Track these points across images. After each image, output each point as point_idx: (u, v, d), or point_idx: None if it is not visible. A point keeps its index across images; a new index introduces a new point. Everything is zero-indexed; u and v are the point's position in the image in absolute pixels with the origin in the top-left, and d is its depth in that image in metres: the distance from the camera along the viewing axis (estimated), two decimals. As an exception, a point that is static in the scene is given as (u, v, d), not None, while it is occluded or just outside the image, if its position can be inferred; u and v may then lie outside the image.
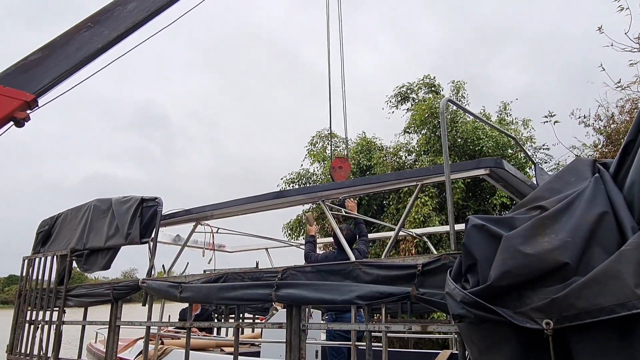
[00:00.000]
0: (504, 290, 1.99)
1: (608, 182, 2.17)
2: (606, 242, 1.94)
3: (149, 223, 4.67)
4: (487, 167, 2.99)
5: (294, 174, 14.52)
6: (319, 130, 14.54)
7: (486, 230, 2.19)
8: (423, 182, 3.26)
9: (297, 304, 3.06)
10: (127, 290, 4.39)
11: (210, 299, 3.57)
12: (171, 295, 3.88)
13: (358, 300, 2.70)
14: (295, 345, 3.05)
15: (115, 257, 4.93)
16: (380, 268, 2.73)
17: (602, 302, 1.72)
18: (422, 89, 13.53)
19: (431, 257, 2.58)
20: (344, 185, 3.73)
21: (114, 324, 4.46)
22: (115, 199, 5.12)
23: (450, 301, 2.17)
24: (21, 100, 3.48)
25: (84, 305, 4.89)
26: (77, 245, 5.19)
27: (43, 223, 5.98)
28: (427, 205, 10.18)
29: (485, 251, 2.14)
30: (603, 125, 9.76)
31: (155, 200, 4.71)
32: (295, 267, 3.17)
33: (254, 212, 4.36)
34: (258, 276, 3.33)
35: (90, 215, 5.24)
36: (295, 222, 13.39)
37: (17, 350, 5.41)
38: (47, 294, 5.23)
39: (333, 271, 2.94)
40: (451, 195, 2.69)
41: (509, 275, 1.95)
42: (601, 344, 1.77)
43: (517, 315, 1.94)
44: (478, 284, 2.12)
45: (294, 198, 3.97)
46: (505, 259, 1.99)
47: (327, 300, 2.86)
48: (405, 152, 13.10)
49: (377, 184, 3.47)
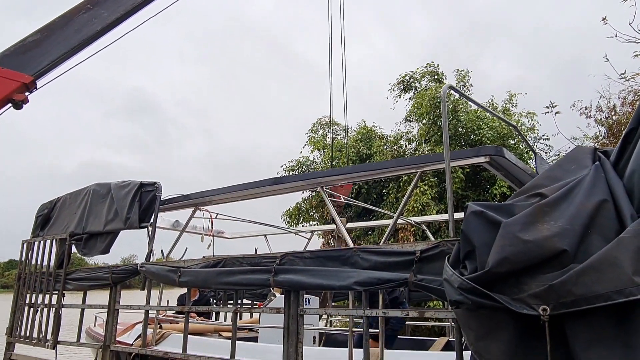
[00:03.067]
0: (502, 277, 1.99)
1: (608, 171, 2.16)
2: (605, 230, 1.94)
3: (148, 208, 4.67)
4: (488, 155, 2.98)
5: (294, 162, 14.51)
6: (320, 118, 14.51)
7: (485, 217, 2.19)
8: (423, 169, 3.25)
9: (295, 289, 3.07)
10: (126, 275, 4.40)
11: (209, 284, 3.58)
12: (170, 280, 3.89)
13: (356, 286, 2.71)
14: (293, 330, 3.07)
15: (114, 241, 4.94)
16: (379, 254, 2.73)
17: (599, 289, 1.73)
18: (426, 77, 13.45)
19: (429, 244, 2.58)
20: (343, 171, 3.72)
21: (112, 307, 4.48)
22: (114, 183, 5.12)
23: (448, 287, 2.17)
24: (19, 82, 3.45)
25: (83, 289, 4.91)
26: (76, 230, 5.19)
27: (42, 207, 5.98)
28: (426, 194, 10.18)
29: (484, 238, 2.14)
30: (605, 116, 9.72)
31: (154, 185, 4.70)
32: (293, 252, 3.18)
33: (253, 197, 4.36)
34: (257, 261, 3.34)
35: (90, 199, 5.24)
36: (294, 210, 13.41)
37: (17, 333, 5.44)
38: (46, 278, 5.25)
39: (331, 257, 2.94)
40: (450, 182, 2.68)
41: (507, 262, 1.95)
42: (597, 331, 1.78)
43: (514, 302, 1.95)
44: (476, 271, 2.12)
45: (292, 184, 3.97)
46: (504, 246, 1.99)
47: (325, 286, 2.87)
48: (405, 141, 13.07)
49: (376, 171, 3.47)
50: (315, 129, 14.35)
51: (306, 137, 14.44)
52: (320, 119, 14.45)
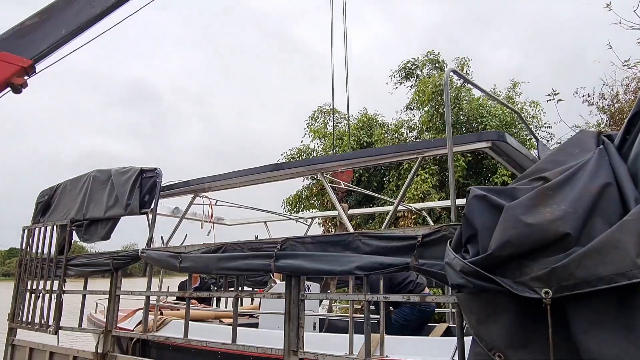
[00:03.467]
0: (504, 260, 1.99)
1: (612, 154, 2.14)
2: (608, 213, 1.92)
3: (149, 194, 4.66)
4: (490, 140, 2.96)
5: (294, 150, 14.48)
6: (320, 106, 14.43)
7: (488, 201, 2.17)
8: (424, 154, 3.23)
9: (296, 274, 3.06)
10: (126, 260, 4.41)
11: (209, 269, 3.58)
12: (171, 265, 3.89)
13: (357, 270, 2.71)
14: (294, 315, 3.08)
15: (115, 227, 4.94)
16: (380, 239, 2.72)
17: (602, 271, 1.72)
18: (427, 65, 13.36)
19: (431, 229, 2.57)
20: (344, 157, 3.71)
21: (114, 293, 4.49)
22: (114, 169, 5.10)
23: (450, 271, 2.17)
24: (18, 65, 3.42)
25: (84, 275, 4.92)
26: (76, 216, 5.19)
27: (42, 193, 5.97)
28: (427, 182, 10.18)
29: (486, 221, 2.13)
30: (607, 104, 9.67)
31: (155, 170, 4.69)
32: (294, 237, 3.17)
33: (253, 184, 4.35)
34: (257, 247, 3.33)
35: (90, 185, 5.23)
36: (294, 198, 13.42)
37: (19, 319, 5.47)
38: (47, 264, 5.26)
39: (332, 242, 2.94)
40: (453, 166, 2.66)
41: (509, 245, 1.94)
42: (598, 314, 1.78)
43: (516, 285, 1.94)
44: (478, 254, 2.12)
45: (292, 170, 3.95)
46: (506, 229, 1.98)
47: (327, 271, 2.86)
48: (407, 129, 13.03)
49: (377, 157, 3.44)
50: (316, 117, 14.30)
51: (306, 126, 14.41)
52: (320, 107, 14.39)
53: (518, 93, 12.43)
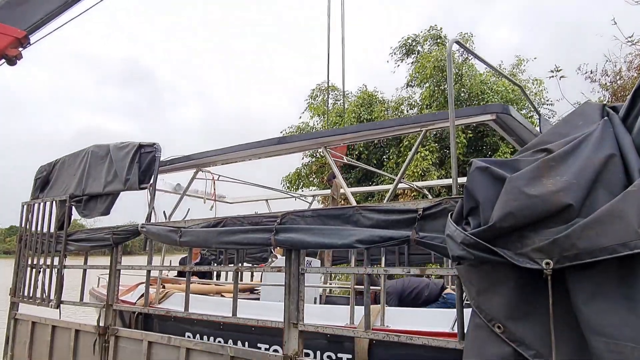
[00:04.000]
0: (505, 232, 1.98)
1: (617, 125, 2.12)
2: (612, 184, 1.91)
3: (148, 169, 4.64)
4: (494, 113, 2.93)
5: (294, 128, 14.39)
6: (319, 83, 14.29)
7: (490, 173, 2.15)
8: (427, 128, 3.20)
9: (296, 248, 3.07)
10: (127, 235, 4.41)
11: (209, 243, 3.59)
12: (171, 240, 3.90)
13: (358, 244, 2.71)
14: (295, 288, 3.09)
15: (114, 203, 4.93)
16: (381, 212, 2.71)
17: (604, 242, 1.71)
18: (428, 40, 13.16)
19: (432, 202, 2.56)
20: (347, 131, 3.67)
21: (114, 267, 4.51)
22: (113, 144, 5.07)
23: (451, 243, 2.16)
24: (12, 37, 3.35)
25: (84, 250, 4.93)
26: (75, 191, 5.18)
27: (41, 169, 5.95)
28: (426, 160, 10.14)
29: (488, 193, 2.11)
30: (609, 81, 9.57)
31: (154, 145, 4.65)
32: (294, 211, 3.16)
33: (256, 158, 4.32)
34: (257, 221, 3.33)
35: (88, 161, 5.20)
36: (294, 175, 13.40)
37: (20, 293, 5.51)
38: (47, 239, 5.27)
39: (333, 216, 2.93)
40: (455, 140, 2.63)
41: (511, 217, 1.93)
42: (599, 284, 1.78)
43: (517, 256, 1.94)
44: (479, 227, 2.11)
45: (295, 144, 3.92)
46: (508, 200, 1.97)
47: (327, 245, 2.86)
48: (407, 106, 12.92)
49: (380, 130, 3.41)
50: (315, 95, 14.17)
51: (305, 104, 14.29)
52: (319, 85, 14.25)
53: (522, 70, 12.30)
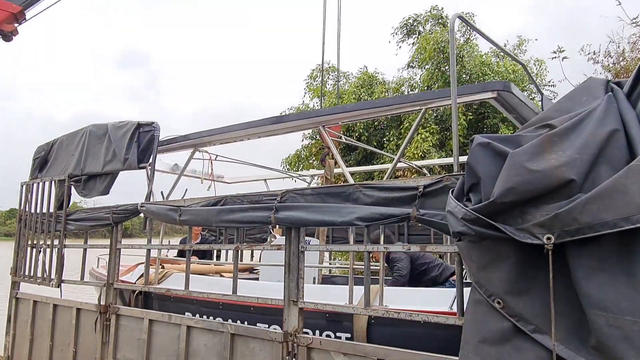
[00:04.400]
0: (507, 207, 1.97)
1: (621, 100, 2.09)
2: (615, 160, 1.89)
3: (146, 148, 4.61)
4: (495, 91, 2.90)
5: (294, 109, 14.29)
6: (319, 64, 14.11)
7: (492, 148, 2.13)
8: (428, 106, 3.16)
9: (296, 225, 3.06)
10: (126, 214, 4.40)
11: (209, 222, 3.58)
12: (170, 219, 3.89)
13: (358, 221, 2.70)
14: (294, 266, 3.09)
15: (113, 182, 4.91)
16: (381, 190, 2.70)
17: (606, 216, 1.70)
18: (430, 21, 12.98)
19: (432, 179, 2.55)
20: (344, 110, 3.64)
21: (114, 247, 4.52)
22: (111, 124, 5.03)
23: (452, 219, 2.15)
24: (8, 12, 3.29)
25: (84, 229, 4.93)
26: (74, 171, 5.16)
27: (39, 149, 5.91)
28: (427, 141, 10.10)
29: (490, 169, 2.10)
30: (612, 62, 9.47)
31: (152, 125, 4.61)
32: (294, 189, 3.15)
33: (254, 137, 4.29)
34: (257, 199, 3.32)
35: (87, 140, 5.17)
36: (293, 157, 13.36)
37: (21, 273, 5.53)
38: (47, 219, 5.27)
39: (333, 193, 2.92)
40: (457, 116, 2.61)
41: (513, 192, 1.92)
42: (599, 259, 1.77)
43: (517, 232, 1.93)
44: (480, 202, 2.10)
45: (293, 123, 3.89)
46: (510, 176, 1.95)
47: (327, 222, 2.86)
48: (408, 87, 12.81)
49: (380, 108, 3.37)
50: (315, 76, 14.04)
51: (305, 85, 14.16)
52: (319, 65, 14.09)
53: (523, 50, 12.17)
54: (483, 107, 10.93)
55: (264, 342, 3.18)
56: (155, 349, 3.94)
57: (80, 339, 4.67)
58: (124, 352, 4.20)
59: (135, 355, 4.08)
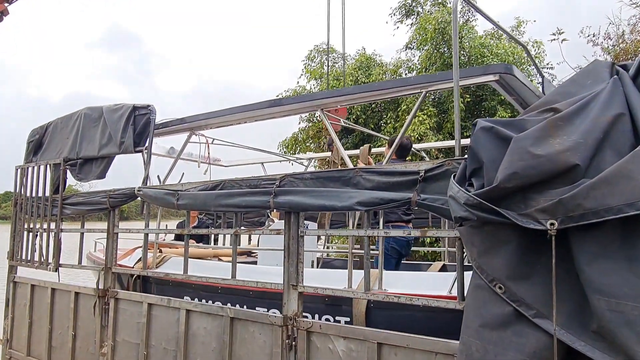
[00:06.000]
0: (510, 192, 1.95)
1: (627, 84, 2.06)
2: (619, 144, 1.87)
3: (143, 132, 4.55)
4: (497, 73, 2.85)
5: (290, 92, 14.16)
6: (317, 45, 13.94)
7: (494, 132, 2.11)
8: (428, 89, 3.12)
9: (295, 210, 3.04)
10: (123, 198, 4.37)
11: (207, 206, 3.55)
12: (168, 203, 3.86)
13: (358, 206, 2.68)
14: (294, 251, 3.08)
15: (109, 166, 4.86)
16: (382, 174, 2.67)
17: (611, 202, 1.69)
18: (429, 1, 12.78)
19: (434, 163, 2.52)
20: (344, 92, 3.59)
21: (112, 231, 4.49)
22: (106, 106, 4.95)
23: (453, 204, 2.13)
24: None
25: (80, 213, 4.90)
26: (69, 155, 5.10)
27: (33, 132, 5.84)
28: (424, 124, 10.05)
29: (493, 154, 2.07)
30: (612, 44, 9.39)
31: (148, 107, 4.54)
32: (293, 174, 3.12)
33: (251, 121, 4.24)
34: (256, 183, 3.29)
35: (82, 123, 5.10)
36: (290, 140, 13.29)
37: (18, 257, 5.51)
38: (42, 203, 5.23)
39: (333, 178, 2.89)
40: (458, 99, 2.57)
41: (516, 177, 1.90)
42: (602, 245, 1.77)
43: (520, 217, 1.92)
44: (483, 188, 2.08)
45: (291, 106, 3.83)
46: (514, 160, 1.93)
47: (327, 207, 2.84)
48: (406, 69, 12.69)
49: (379, 91, 3.33)
50: (312, 57, 13.85)
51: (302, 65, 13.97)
52: (317, 46, 13.92)
53: (521, 32, 12.04)
54: (481, 89, 10.86)
55: (264, 326, 3.19)
56: (154, 333, 3.95)
57: (79, 322, 4.68)
58: (123, 336, 4.22)
59: (134, 339, 4.09)
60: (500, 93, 3.19)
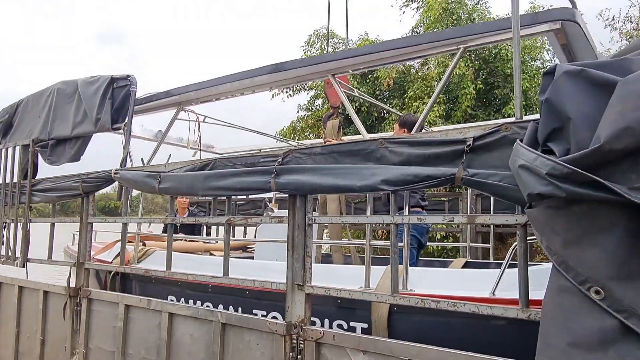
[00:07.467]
0: (616, 157, 1.38)
1: None
2: None
3: (122, 107, 3.94)
4: (558, 20, 2.27)
5: (288, 80, 13.47)
6: (317, 29, 13.28)
7: (586, 77, 1.53)
8: (467, 44, 2.52)
9: (302, 192, 2.45)
10: (98, 183, 3.76)
11: (195, 190, 2.96)
12: (149, 187, 3.26)
13: (384, 185, 2.09)
14: (300, 242, 2.49)
15: (85, 147, 4.25)
16: (414, 145, 2.09)
17: None
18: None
19: (485, 129, 1.93)
20: (358, 53, 2.98)
21: (85, 220, 3.88)
22: (81, 79, 4.34)
23: (527, 177, 1.55)
24: None
25: (51, 201, 4.30)
26: (40, 135, 4.49)
27: (3, 111, 5.21)
28: (433, 111, 9.44)
29: (585, 106, 1.50)
30: (632, 28, 8.84)
31: (128, 78, 3.92)
32: (299, 148, 2.53)
33: (249, 92, 3.63)
34: (253, 161, 2.69)
35: (54, 100, 4.48)
36: (289, 129, 12.66)
37: (-16, 251, 4.90)
38: (10, 190, 4.61)
39: (349, 152, 2.30)
40: (519, 48, 1.99)
41: (629, 133, 1.32)
42: None
43: (632, 191, 1.35)
44: (568, 154, 1.50)
45: (296, 72, 3.22)
46: (624, 111, 1.35)
47: (343, 187, 2.24)
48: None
49: (404, 49, 2.72)
50: (312, 42, 13.19)
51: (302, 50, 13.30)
52: (317, 31, 13.25)
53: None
54: (492, 76, 10.26)
55: (262, 335, 2.61)
56: (132, 339, 3.36)
57: (48, 325, 4.07)
58: (96, 342, 3.62)
59: (109, 346, 3.50)
60: (554, 50, 2.60)
